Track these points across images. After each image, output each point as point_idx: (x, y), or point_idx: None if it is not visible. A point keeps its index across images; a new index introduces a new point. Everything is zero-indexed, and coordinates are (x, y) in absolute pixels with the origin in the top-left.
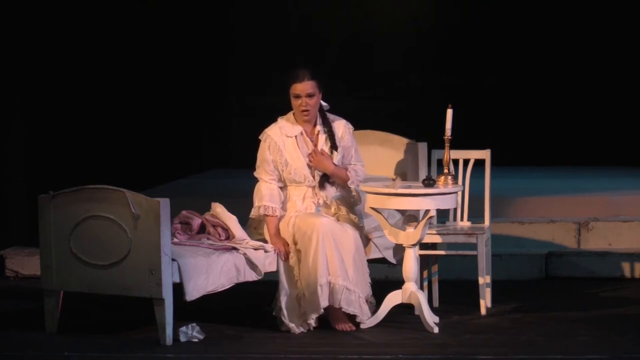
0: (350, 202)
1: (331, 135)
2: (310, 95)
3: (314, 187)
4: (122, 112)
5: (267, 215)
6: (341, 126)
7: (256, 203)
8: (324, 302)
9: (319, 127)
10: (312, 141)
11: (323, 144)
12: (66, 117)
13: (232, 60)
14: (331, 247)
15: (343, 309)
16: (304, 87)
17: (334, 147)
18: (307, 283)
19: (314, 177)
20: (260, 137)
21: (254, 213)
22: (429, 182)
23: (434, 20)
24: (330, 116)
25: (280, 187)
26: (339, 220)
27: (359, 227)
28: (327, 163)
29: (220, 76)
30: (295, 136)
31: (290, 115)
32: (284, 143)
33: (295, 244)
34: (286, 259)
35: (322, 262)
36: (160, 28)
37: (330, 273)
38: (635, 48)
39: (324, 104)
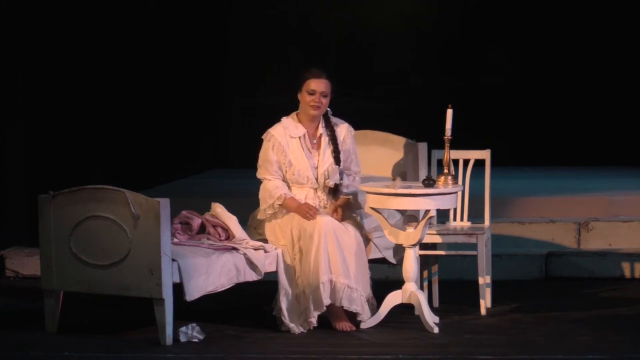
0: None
1: (333, 139)
2: (324, 95)
3: (315, 189)
4: (122, 112)
5: (287, 200)
6: (344, 130)
7: (269, 201)
8: (326, 300)
9: (321, 130)
10: (315, 143)
11: (326, 146)
12: (66, 117)
13: (232, 60)
14: (333, 246)
15: (345, 307)
16: (319, 85)
17: (336, 151)
18: (308, 281)
19: (317, 179)
20: (263, 137)
21: (267, 211)
22: (429, 182)
23: (434, 20)
24: (333, 119)
25: None
26: (348, 216)
27: (360, 226)
28: (345, 215)
29: (220, 76)
30: (299, 137)
31: (294, 115)
32: (287, 144)
33: (298, 240)
34: (314, 216)
35: (324, 261)
36: (160, 28)
37: (332, 271)
38: (635, 48)
39: (327, 109)
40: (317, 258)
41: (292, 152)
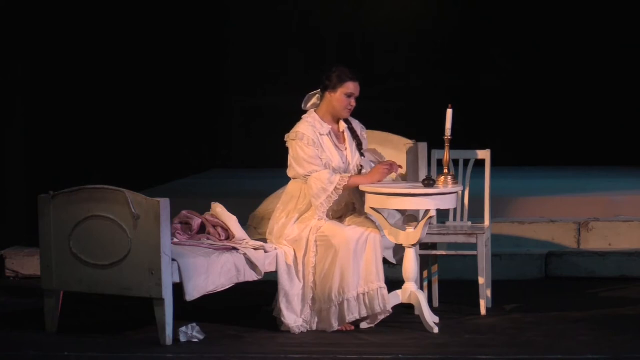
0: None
1: (353, 132)
2: (356, 98)
3: None
4: (122, 112)
5: (352, 177)
6: (358, 125)
7: (329, 188)
8: (350, 317)
9: (343, 124)
10: (339, 139)
11: (351, 140)
12: (66, 117)
13: (232, 60)
14: (359, 259)
15: (388, 311)
16: (357, 88)
17: (359, 144)
18: (330, 296)
19: (346, 173)
20: (290, 137)
21: (333, 197)
22: (429, 182)
23: (434, 20)
24: None
25: None
26: (362, 220)
27: (376, 226)
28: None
29: (220, 76)
30: (327, 134)
31: (312, 113)
32: (320, 141)
33: (314, 246)
34: (396, 168)
35: (352, 275)
36: (160, 28)
37: (360, 285)
38: (635, 48)
39: None
40: (344, 273)
41: (327, 149)
